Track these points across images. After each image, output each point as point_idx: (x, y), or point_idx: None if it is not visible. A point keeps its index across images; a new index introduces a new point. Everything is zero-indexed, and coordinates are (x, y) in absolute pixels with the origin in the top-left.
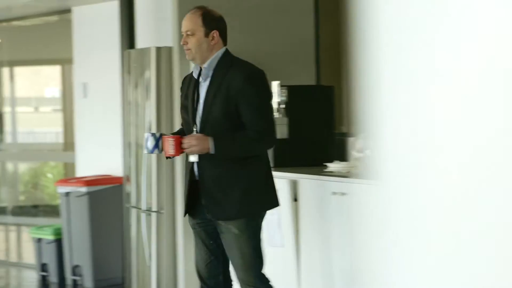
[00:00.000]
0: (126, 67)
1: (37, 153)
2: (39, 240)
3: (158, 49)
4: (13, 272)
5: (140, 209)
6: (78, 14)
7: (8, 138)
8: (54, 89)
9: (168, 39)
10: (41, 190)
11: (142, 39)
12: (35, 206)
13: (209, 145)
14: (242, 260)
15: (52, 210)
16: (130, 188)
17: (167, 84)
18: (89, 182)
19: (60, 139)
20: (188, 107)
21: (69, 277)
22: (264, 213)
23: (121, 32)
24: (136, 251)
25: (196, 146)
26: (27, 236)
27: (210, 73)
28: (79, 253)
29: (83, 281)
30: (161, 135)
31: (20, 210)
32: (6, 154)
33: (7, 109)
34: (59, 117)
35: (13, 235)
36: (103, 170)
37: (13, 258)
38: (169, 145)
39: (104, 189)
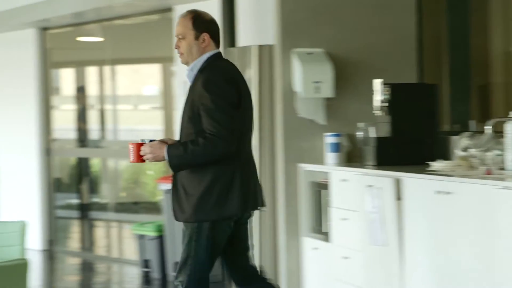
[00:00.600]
0: None
1: None
2: (141, 237)
3: (260, 47)
4: (114, 268)
5: None
6: (180, 12)
7: (109, 136)
8: (152, 87)
9: (270, 37)
10: (141, 187)
11: (244, 37)
12: (136, 203)
13: (164, 153)
14: (184, 257)
15: (152, 207)
16: None
17: (268, 82)
18: None
19: (160, 137)
20: None
21: (171, 273)
22: (226, 221)
23: (222, 30)
24: None
25: (150, 154)
26: (128, 233)
27: (193, 75)
28: (181, 250)
29: None
30: (150, 141)
31: (121, 207)
32: (107, 151)
33: (108, 107)
34: (158, 115)
35: (114, 231)
36: None
37: (115, 254)
38: (130, 152)
39: None
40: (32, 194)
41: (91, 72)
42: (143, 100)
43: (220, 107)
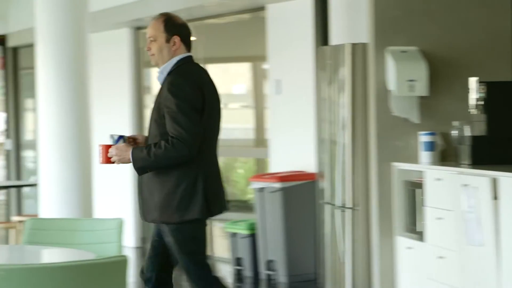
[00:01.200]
0: (320, 64)
1: (229, 149)
2: (234, 235)
3: (353, 45)
4: None
5: (334, 205)
6: (272, 11)
7: None
8: (241, 86)
9: (363, 35)
10: (232, 185)
11: (336, 36)
12: (227, 201)
13: (129, 156)
14: (181, 263)
15: (243, 205)
16: (324, 184)
17: (361, 81)
18: (282, 178)
19: (251, 135)
20: None
21: (263, 271)
22: (200, 222)
23: (314, 28)
24: (330, 248)
25: (116, 156)
26: (219, 230)
27: (162, 79)
28: (273, 248)
29: (277, 276)
30: (119, 137)
31: None
32: None
33: None
34: (247, 113)
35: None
36: (296, 166)
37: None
38: (99, 153)
39: (297, 185)
40: (126, 192)
41: None
42: (233, 99)
43: (183, 111)
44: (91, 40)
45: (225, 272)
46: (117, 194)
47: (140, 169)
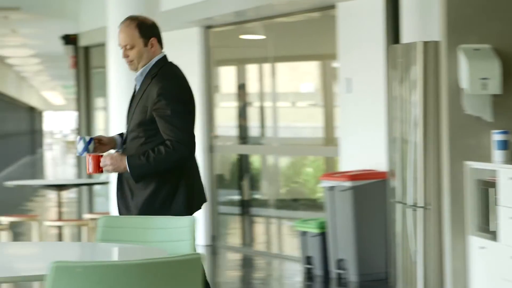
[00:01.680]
0: (391, 62)
1: (298, 148)
2: (303, 233)
3: (425, 43)
4: (274, 264)
5: (405, 204)
6: (343, 9)
7: (268, 132)
8: (309, 85)
9: (435, 33)
10: (301, 184)
11: (408, 34)
12: (295, 200)
13: (125, 164)
14: None
15: (312, 204)
16: (395, 183)
17: (433, 79)
18: (353, 176)
19: (320, 134)
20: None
21: (333, 270)
22: None
23: (386, 26)
24: (401, 247)
25: (110, 165)
26: (288, 229)
27: (141, 80)
28: (343, 247)
29: (347, 275)
30: (91, 139)
31: (281, 204)
32: (267, 148)
33: (267, 104)
34: (315, 112)
35: (274, 228)
36: (367, 165)
37: (274, 250)
38: (88, 162)
39: (368, 184)
40: None
41: (252, 70)
42: (301, 97)
43: (179, 114)
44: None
45: (295, 270)
46: None
47: (139, 177)
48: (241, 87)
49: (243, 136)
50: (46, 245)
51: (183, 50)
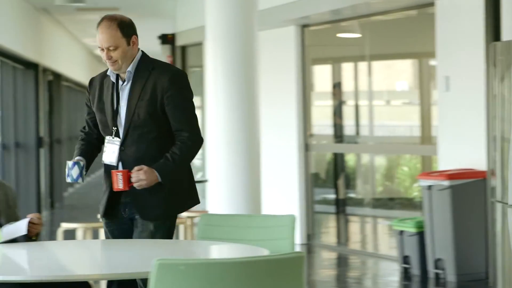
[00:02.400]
0: (491, 60)
1: (394, 146)
2: (401, 233)
3: None
4: (370, 263)
5: (506, 204)
6: (442, 7)
7: (364, 131)
8: (404, 83)
9: None
10: (396, 183)
11: (508, 31)
12: (391, 199)
13: (156, 175)
14: None
15: (408, 203)
16: (495, 182)
17: None
18: (451, 175)
19: (415, 133)
20: (106, 110)
21: (431, 270)
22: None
23: (485, 23)
24: (501, 247)
25: (145, 180)
26: (383, 228)
27: (131, 76)
28: (441, 247)
29: (445, 275)
30: (84, 164)
31: (377, 202)
32: (362, 146)
33: (362, 103)
34: (410, 110)
35: (369, 227)
36: (465, 164)
37: (369, 249)
38: (117, 179)
39: (467, 183)
40: (292, 189)
41: (347, 68)
42: (396, 96)
43: (192, 104)
44: (259, 38)
45: (391, 270)
46: (283, 189)
47: (169, 181)
48: (337, 86)
49: (338, 135)
50: (146, 243)
51: (279, 49)
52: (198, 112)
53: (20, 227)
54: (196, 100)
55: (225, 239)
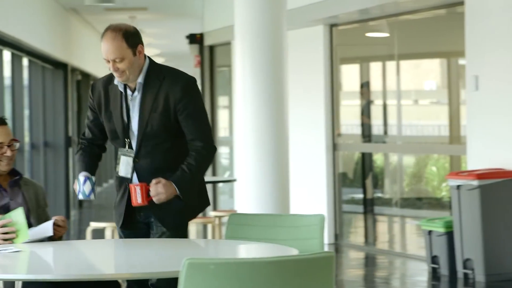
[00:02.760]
0: None
1: (422, 146)
2: (429, 233)
3: None
4: (397, 263)
5: None
6: (471, 6)
7: (392, 131)
8: (431, 82)
9: None
10: (424, 183)
11: None
12: (419, 199)
13: (175, 188)
14: None
15: (436, 203)
16: None
17: None
18: (480, 175)
19: (444, 132)
20: (115, 121)
21: (460, 270)
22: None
23: None
24: None
25: (164, 193)
26: (411, 228)
27: (141, 86)
28: (470, 247)
29: (474, 275)
30: (95, 180)
31: (405, 202)
32: (390, 146)
33: (390, 102)
34: (438, 110)
35: (397, 226)
36: (494, 163)
37: (397, 248)
38: (136, 193)
39: (496, 183)
40: (320, 189)
41: (375, 68)
42: (423, 95)
43: (204, 111)
44: (287, 38)
45: (419, 270)
46: (311, 189)
47: (188, 192)
48: (365, 85)
49: (366, 134)
50: (175, 242)
51: (307, 48)
52: (225, 111)
53: (46, 228)
54: (223, 100)
55: (254, 239)
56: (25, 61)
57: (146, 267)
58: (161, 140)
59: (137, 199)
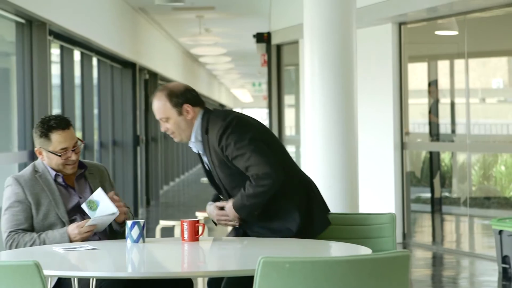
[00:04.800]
0: None
1: (492, 145)
2: (500, 232)
3: None
4: (465, 263)
5: None
6: None
7: (460, 129)
8: (499, 80)
9: None
10: (493, 182)
11: None
12: (487, 198)
13: (234, 211)
14: None
15: (505, 202)
16: None
17: None
18: None
19: None
20: (210, 176)
21: None
22: None
23: None
24: None
25: (228, 215)
26: (479, 227)
27: (199, 144)
28: None
29: None
30: (144, 224)
31: (473, 202)
32: (458, 145)
33: (458, 101)
34: (506, 108)
35: (465, 226)
36: None
37: (465, 248)
38: (184, 230)
39: None
40: (388, 188)
41: (443, 66)
42: (491, 93)
43: (247, 144)
44: (357, 36)
45: (488, 270)
46: (379, 188)
47: (245, 214)
48: (433, 84)
49: (434, 133)
50: (248, 241)
51: (375, 46)
52: (291, 110)
53: (107, 206)
54: (289, 99)
55: (326, 238)
56: (94, 61)
57: (221, 265)
58: (241, 182)
59: (184, 236)
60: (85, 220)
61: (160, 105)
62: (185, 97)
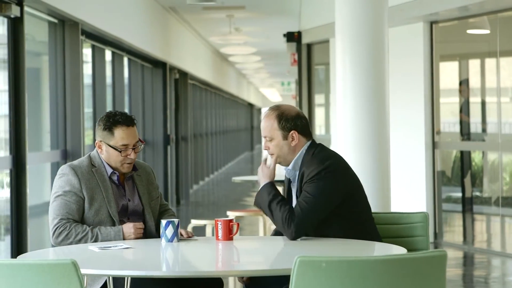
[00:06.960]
0: None
1: None
2: None
3: None
4: (496, 262)
5: None
6: None
7: (491, 128)
8: None
9: None
10: None
11: None
12: None
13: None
14: None
15: None
16: None
17: None
18: None
19: None
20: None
21: None
22: None
23: None
24: None
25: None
26: (511, 227)
27: (296, 174)
28: None
29: None
30: (178, 223)
31: (504, 201)
32: (489, 144)
33: (489, 100)
34: None
35: (496, 225)
36: None
37: (496, 247)
38: (218, 229)
39: None
40: (420, 187)
41: (475, 65)
42: None
43: (316, 199)
44: (389, 35)
45: None
46: (410, 187)
47: (257, 203)
48: (464, 83)
49: (465, 132)
50: (281, 240)
51: (407, 45)
52: (321, 109)
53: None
54: (319, 98)
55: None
56: (125, 60)
57: (255, 264)
58: (324, 221)
59: (218, 236)
60: (140, 223)
61: (268, 124)
62: (294, 123)
